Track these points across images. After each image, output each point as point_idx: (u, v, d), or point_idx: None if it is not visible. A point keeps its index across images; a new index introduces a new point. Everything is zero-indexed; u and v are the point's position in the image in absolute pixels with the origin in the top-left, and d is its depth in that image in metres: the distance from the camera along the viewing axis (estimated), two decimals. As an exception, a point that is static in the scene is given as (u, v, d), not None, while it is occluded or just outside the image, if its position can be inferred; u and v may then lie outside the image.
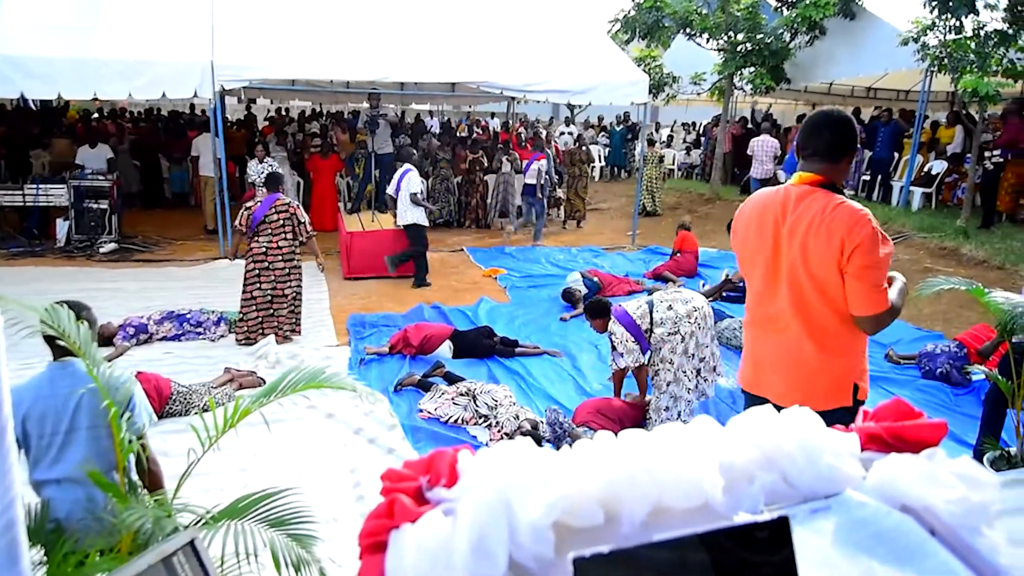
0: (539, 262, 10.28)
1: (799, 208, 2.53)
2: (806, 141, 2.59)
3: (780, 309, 2.60)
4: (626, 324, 4.94)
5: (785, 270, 2.57)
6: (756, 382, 2.74)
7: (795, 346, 2.58)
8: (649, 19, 13.80)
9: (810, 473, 0.92)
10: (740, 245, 2.77)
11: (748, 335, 2.80)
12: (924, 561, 0.83)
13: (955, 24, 9.18)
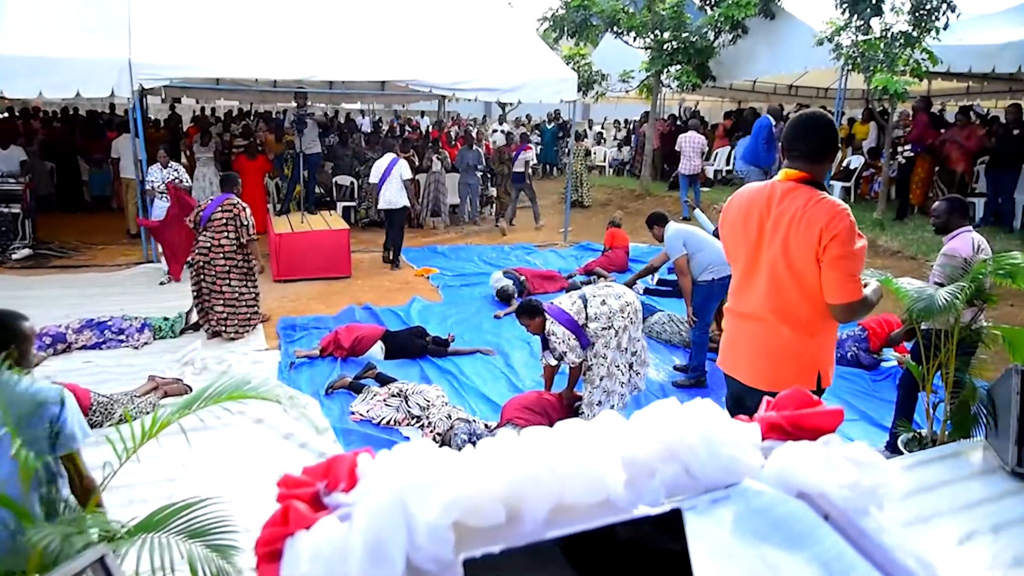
0: (472, 260, 10.27)
1: (784, 202, 2.68)
2: (792, 143, 2.73)
3: (758, 297, 2.74)
4: (564, 322, 4.94)
5: (766, 261, 2.71)
6: (733, 365, 2.87)
7: (768, 333, 2.72)
8: (577, 18, 13.93)
9: (711, 465, 0.95)
10: (727, 236, 2.91)
11: (728, 321, 2.93)
12: (815, 545, 0.86)
13: (865, 25, 9.54)
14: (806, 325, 2.69)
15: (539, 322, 5.04)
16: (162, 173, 8.64)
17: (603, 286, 5.44)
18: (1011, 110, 10.22)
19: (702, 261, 5.89)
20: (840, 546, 0.86)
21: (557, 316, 4.97)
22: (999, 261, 4.25)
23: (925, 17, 9.00)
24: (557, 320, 4.96)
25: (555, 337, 4.95)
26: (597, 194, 15.63)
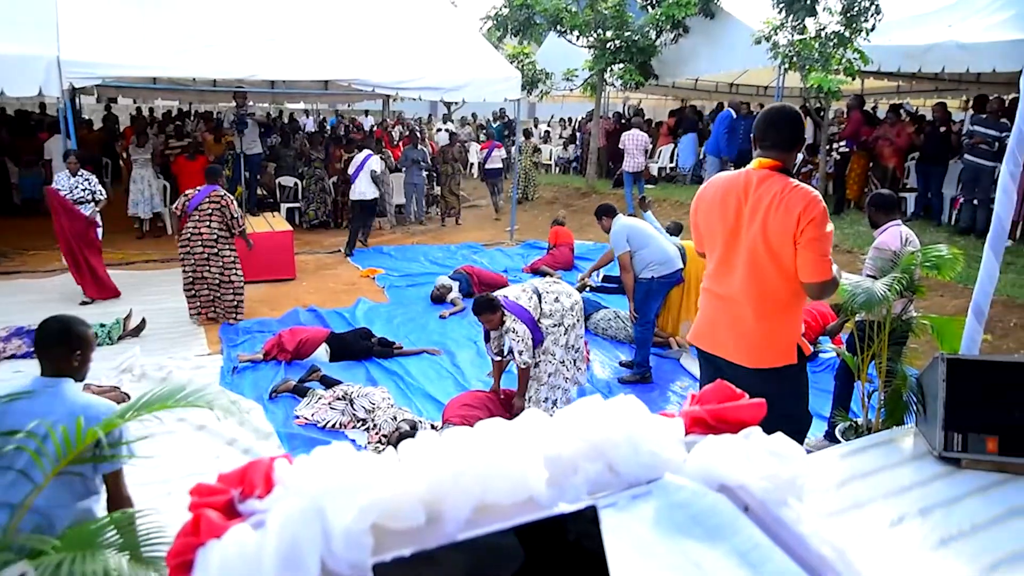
0: (418, 260, 10.23)
1: (760, 189, 2.82)
2: (764, 133, 2.89)
3: (739, 278, 2.87)
4: (525, 320, 4.90)
5: (746, 244, 2.85)
6: (712, 342, 3.00)
7: (749, 313, 2.87)
8: (520, 16, 13.96)
9: (634, 461, 0.96)
10: (703, 222, 3.02)
11: (705, 301, 3.06)
12: (733, 537, 0.87)
13: (800, 25, 9.78)
14: (783, 304, 2.88)
15: (498, 318, 5.00)
16: (70, 181, 7.55)
17: (552, 282, 5.46)
18: (937, 108, 10.60)
19: (645, 258, 5.95)
20: (757, 537, 0.88)
21: (518, 313, 4.90)
22: (926, 253, 4.41)
23: (855, 18, 9.27)
24: (519, 317, 4.89)
25: (515, 335, 4.88)
26: (544, 192, 15.70)
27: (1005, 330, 7.19)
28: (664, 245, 6.10)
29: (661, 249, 6.05)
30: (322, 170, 12.20)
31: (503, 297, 4.99)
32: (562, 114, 23.26)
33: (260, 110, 20.36)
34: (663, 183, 15.17)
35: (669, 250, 6.08)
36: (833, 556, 0.91)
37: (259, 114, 15.71)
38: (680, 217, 12.38)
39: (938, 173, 10.23)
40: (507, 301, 4.96)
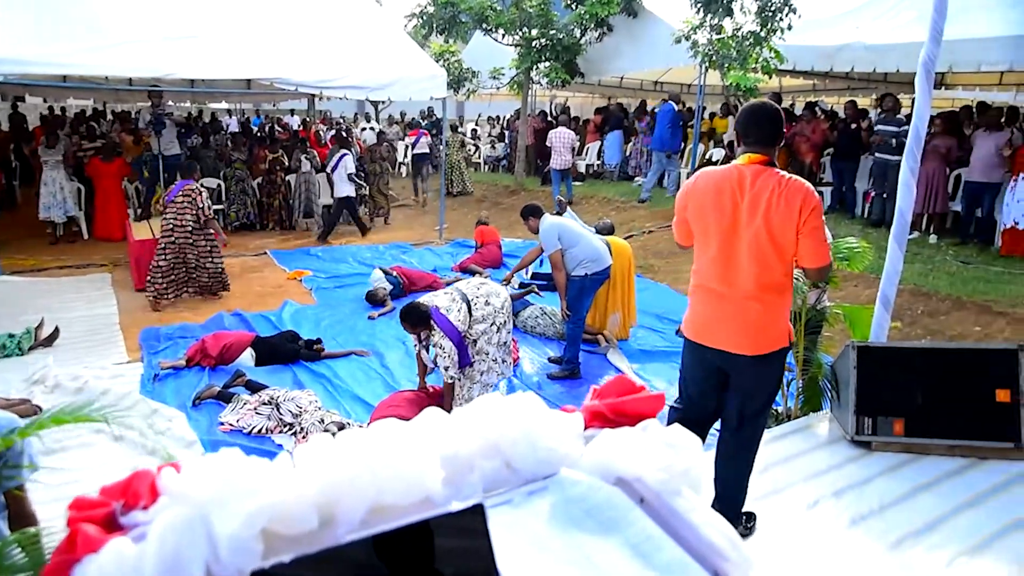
0: (346, 261, 10.11)
1: (756, 184, 2.90)
2: (747, 130, 3.00)
3: (743, 272, 2.94)
4: (453, 338, 4.84)
5: (747, 238, 2.91)
6: (712, 337, 3.05)
7: (754, 303, 2.95)
8: (446, 15, 13.91)
9: (531, 457, 0.98)
10: (696, 218, 3.05)
11: (701, 297, 3.09)
12: (627, 529, 0.90)
13: (718, 25, 10.04)
14: (782, 291, 3.02)
15: (421, 330, 4.96)
16: None
17: (480, 283, 5.45)
18: (848, 106, 11.01)
19: (576, 256, 5.99)
20: (649, 528, 0.91)
21: (447, 331, 4.82)
22: (838, 246, 4.58)
23: (770, 18, 9.56)
24: (447, 335, 4.82)
25: (442, 351, 4.85)
26: (473, 190, 15.71)
27: (914, 317, 7.51)
28: (594, 242, 6.18)
29: (591, 246, 6.12)
30: (244, 171, 11.93)
31: (434, 308, 4.91)
32: (490, 112, 23.30)
33: (181, 110, 19.80)
34: (591, 180, 15.35)
35: (598, 247, 6.16)
36: (724, 544, 0.94)
37: (179, 114, 15.28)
38: (608, 213, 12.57)
39: (851, 168, 10.64)
40: (438, 315, 4.87)
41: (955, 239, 9.61)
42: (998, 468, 3.81)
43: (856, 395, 4.05)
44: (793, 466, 3.86)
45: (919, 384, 4.02)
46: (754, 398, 3.11)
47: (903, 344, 4.32)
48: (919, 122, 4.27)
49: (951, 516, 3.37)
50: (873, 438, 4.03)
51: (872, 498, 3.55)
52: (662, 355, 6.53)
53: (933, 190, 9.58)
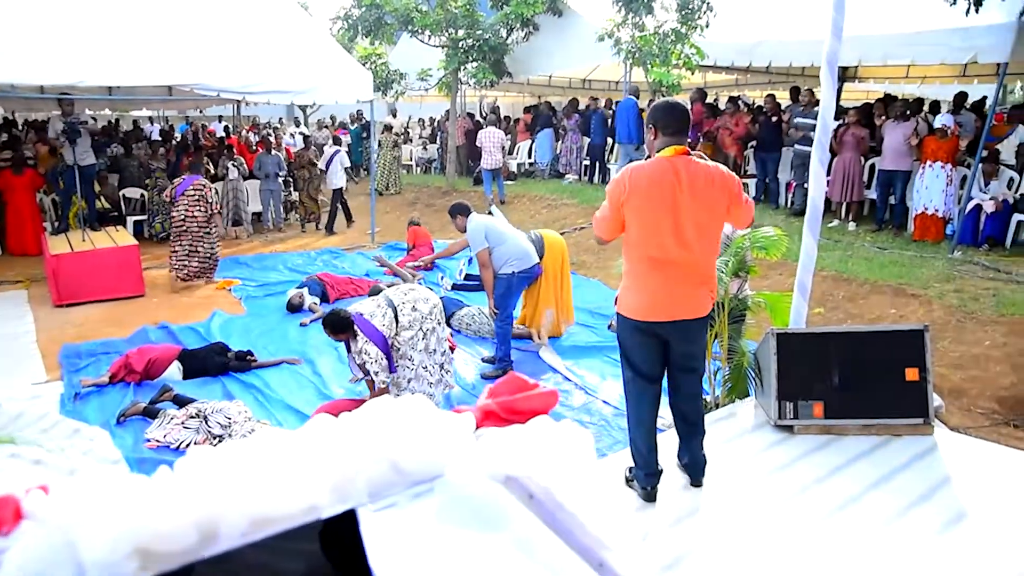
0: (276, 269, 9.95)
1: (689, 171, 3.20)
2: (667, 122, 3.28)
3: (693, 247, 3.25)
4: (377, 342, 4.83)
5: (690, 217, 3.21)
6: (671, 310, 3.32)
7: (703, 271, 3.34)
8: (371, 17, 13.81)
9: (419, 459, 0.99)
10: (643, 206, 3.24)
11: (657, 275, 3.31)
12: (511, 527, 0.92)
13: (640, 22, 10.21)
14: (714, 263, 3.47)
15: (345, 336, 4.92)
16: None
17: (408, 288, 5.41)
18: (767, 100, 11.33)
19: (504, 254, 6.04)
20: (534, 525, 0.93)
21: (370, 335, 4.81)
22: (755, 236, 4.71)
23: (690, 16, 9.77)
24: (371, 339, 4.81)
25: (367, 356, 4.82)
26: (405, 193, 15.63)
27: (835, 303, 7.77)
28: (520, 240, 6.22)
29: (518, 245, 6.16)
30: (166, 180, 11.61)
31: (358, 315, 4.89)
32: (421, 114, 23.16)
33: (101, 118, 19.17)
34: (522, 179, 15.42)
35: (525, 245, 6.21)
36: (609, 538, 0.97)
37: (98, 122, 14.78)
38: (539, 211, 12.67)
39: (773, 159, 10.94)
40: (361, 320, 4.86)
41: (872, 226, 9.98)
42: (909, 444, 3.98)
43: (777, 381, 4.18)
44: (719, 453, 3.96)
45: (836, 367, 4.17)
46: (700, 347, 3.57)
47: (819, 329, 4.47)
48: (826, 114, 4.43)
49: (866, 493, 3.51)
50: (795, 422, 4.16)
51: (794, 481, 3.66)
52: (595, 351, 6.61)
53: (850, 179, 9.93)
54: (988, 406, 5.66)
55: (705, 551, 3.07)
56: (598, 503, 1.05)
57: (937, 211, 9.06)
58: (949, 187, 8.91)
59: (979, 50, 8.17)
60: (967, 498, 3.47)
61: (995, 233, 8.74)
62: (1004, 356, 6.17)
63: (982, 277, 7.76)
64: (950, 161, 8.85)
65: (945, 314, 7.08)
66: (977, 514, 3.33)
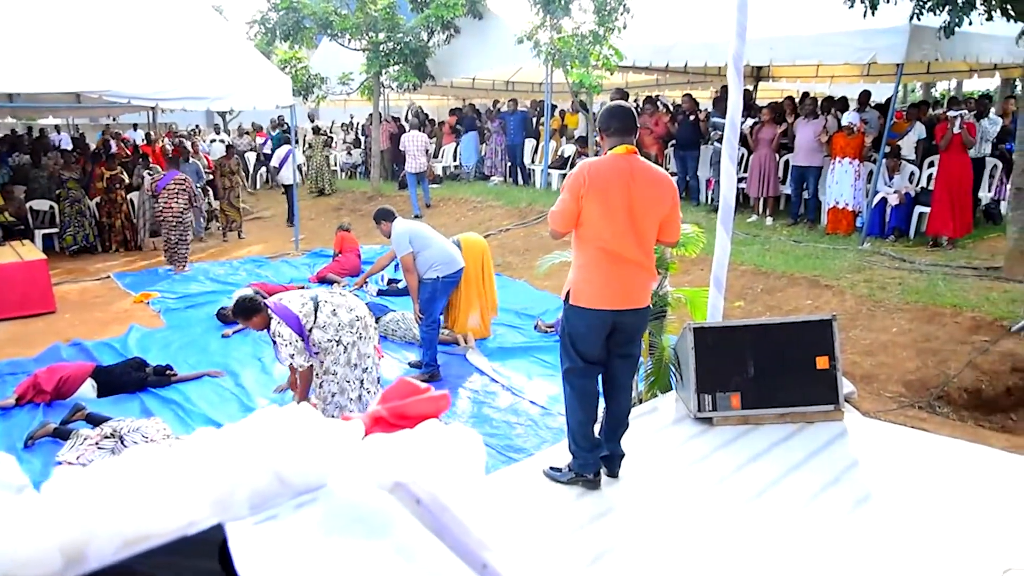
0: (197, 280, 9.68)
1: (639, 170, 3.39)
2: (612, 123, 3.44)
3: (638, 243, 3.41)
4: (291, 322, 4.73)
5: (640, 214, 3.37)
6: (624, 299, 3.46)
7: (647, 265, 3.51)
8: (289, 20, 13.58)
9: (303, 469, 0.98)
10: (599, 201, 3.35)
11: (607, 266, 3.43)
12: (395, 533, 0.92)
13: (558, 24, 10.33)
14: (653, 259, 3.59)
15: (259, 320, 4.79)
16: None
17: (337, 292, 5.32)
18: (685, 100, 11.59)
19: (428, 259, 6.01)
20: (418, 530, 0.93)
21: (283, 315, 4.72)
22: (672, 234, 4.81)
23: (607, 17, 9.93)
24: (283, 320, 4.71)
25: (280, 339, 4.71)
26: (329, 199, 15.43)
27: (755, 296, 8.01)
28: (445, 245, 6.21)
29: (443, 249, 6.14)
30: (79, 191, 11.19)
31: (274, 302, 4.82)
32: (345, 118, 22.88)
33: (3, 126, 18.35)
34: (448, 181, 15.40)
35: (450, 250, 6.20)
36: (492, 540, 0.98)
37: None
38: (465, 214, 12.67)
39: (693, 157, 11.21)
40: (276, 304, 4.78)
41: (787, 220, 10.32)
42: (822, 430, 4.13)
43: (696, 374, 4.28)
44: (642, 448, 4.03)
45: (751, 359, 4.29)
46: (640, 334, 3.76)
47: (734, 323, 4.59)
48: (733, 112, 4.56)
49: (781, 479, 3.62)
50: (714, 413, 4.27)
51: (713, 471, 3.76)
52: (521, 351, 6.65)
53: (765, 175, 10.24)
54: (896, 390, 5.91)
55: (629, 544, 3.12)
56: (486, 505, 1.06)
57: (847, 205, 9.43)
58: (857, 181, 9.28)
59: (878, 51, 8.56)
60: (874, 479, 3.62)
61: (900, 224, 9.15)
62: (910, 342, 6.46)
63: (889, 267, 8.11)
64: (857, 157, 9.23)
65: (856, 303, 7.37)
66: (883, 493, 3.48)
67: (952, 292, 7.17)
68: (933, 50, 8.41)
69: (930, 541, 3.07)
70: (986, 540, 3.04)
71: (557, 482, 3.62)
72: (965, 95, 14.53)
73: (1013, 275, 7.39)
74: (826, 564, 2.95)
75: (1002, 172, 9.30)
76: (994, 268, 7.69)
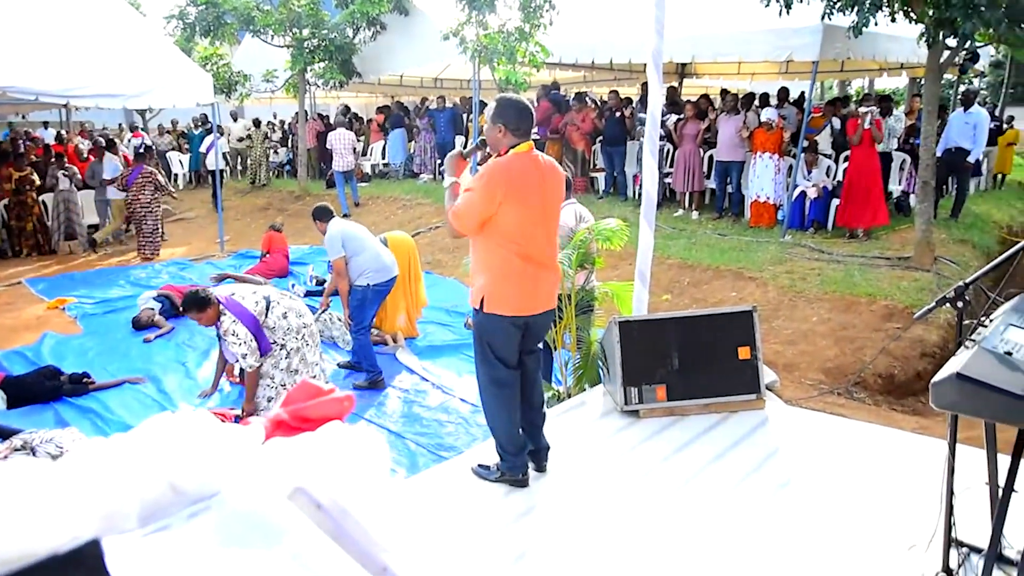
0: (117, 284, 9.35)
1: (546, 168, 3.39)
2: (519, 123, 3.33)
3: (546, 246, 3.42)
4: (247, 321, 4.62)
5: (551, 216, 3.41)
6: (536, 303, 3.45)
7: (554, 270, 3.53)
8: (209, 16, 13.21)
9: (197, 476, 0.95)
10: (519, 202, 3.28)
11: (525, 271, 3.36)
12: (291, 540, 0.90)
13: (484, 21, 10.33)
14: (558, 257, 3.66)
15: (211, 315, 4.66)
16: None
17: (290, 296, 5.18)
18: (611, 96, 11.73)
19: (360, 265, 5.84)
20: (315, 535, 0.91)
21: (239, 314, 4.61)
22: (597, 228, 4.86)
23: (532, 14, 9.98)
24: (239, 319, 4.60)
25: (235, 337, 4.60)
26: (255, 199, 15.10)
27: (682, 289, 8.17)
28: (380, 252, 6.04)
29: (377, 256, 5.96)
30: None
31: (226, 297, 4.68)
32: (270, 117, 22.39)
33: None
34: (376, 180, 15.24)
35: (385, 257, 6.05)
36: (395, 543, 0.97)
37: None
38: (394, 212, 12.57)
39: (620, 153, 11.35)
40: (228, 299, 4.66)
41: (713, 214, 10.55)
42: (744, 419, 4.25)
43: (622, 368, 4.33)
44: (571, 441, 4.07)
45: (675, 351, 4.37)
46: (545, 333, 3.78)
47: (658, 316, 4.67)
48: (653, 108, 4.63)
49: (705, 469, 3.71)
50: (640, 406, 4.34)
51: (640, 463, 3.82)
52: (451, 349, 6.64)
53: (691, 170, 10.45)
54: (816, 377, 6.12)
55: (555, 540, 3.15)
56: (389, 507, 1.06)
57: (769, 198, 9.69)
58: (778, 176, 9.55)
59: (794, 49, 8.84)
60: (793, 464, 3.74)
61: (819, 217, 9.45)
62: (828, 331, 6.69)
63: (809, 258, 8.38)
64: (777, 151, 9.49)
65: (779, 294, 7.60)
66: (802, 478, 3.59)
67: (867, 282, 7.46)
68: (845, 49, 8.71)
69: (844, 521, 3.19)
70: (894, 518, 3.17)
71: (485, 480, 3.62)
72: (877, 93, 15.09)
73: (921, 264, 7.72)
74: (749, 549, 3.03)
75: (911, 166, 9.68)
76: (905, 258, 8.03)
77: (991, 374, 2.08)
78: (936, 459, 2.48)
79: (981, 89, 21.22)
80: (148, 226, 10.70)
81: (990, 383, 2.04)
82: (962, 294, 2.45)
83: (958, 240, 9.12)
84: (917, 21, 7.31)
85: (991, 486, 2.56)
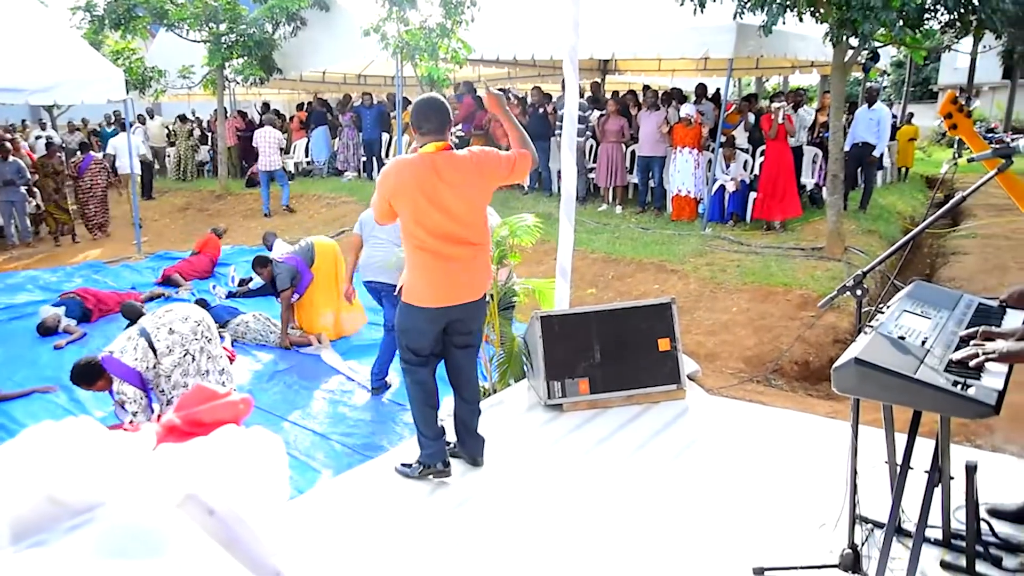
0: (25, 288, 8.94)
1: (451, 165, 3.30)
2: (425, 122, 3.33)
3: (466, 237, 3.39)
4: (132, 380, 4.44)
5: (462, 207, 3.35)
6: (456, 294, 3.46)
7: (482, 254, 3.53)
8: (119, 8, 12.72)
9: (80, 487, 0.93)
10: (409, 203, 3.30)
11: (434, 264, 3.39)
12: (176, 549, 0.88)
13: (405, 17, 10.26)
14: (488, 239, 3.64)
15: (103, 384, 4.51)
16: None
17: (164, 311, 4.98)
18: (534, 92, 11.80)
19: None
20: (202, 545, 0.90)
21: (124, 375, 4.43)
22: (511, 225, 4.86)
23: (453, 10, 9.96)
24: (125, 379, 4.43)
25: (126, 397, 4.44)
26: (175, 199, 14.65)
27: (606, 283, 8.29)
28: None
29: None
30: None
31: (107, 356, 4.49)
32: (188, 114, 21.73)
33: None
34: (300, 178, 14.96)
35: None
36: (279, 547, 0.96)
37: None
38: (319, 210, 12.38)
39: (544, 149, 11.39)
40: (109, 362, 4.47)
41: (636, 208, 10.74)
42: (665, 409, 4.34)
43: (544, 362, 4.37)
44: (496, 436, 4.08)
45: (596, 344, 4.44)
46: (479, 324, 3.78)
47: (579, 309, 4.71)
48: (571, 104, 4.67)
49: (627, 459, 3.78)
50: (563, 400, 4.38)
51: (563, 456, 3.86)
52: (377, 348, 6.56)
53: (614, 165, 10.60)
54: (736, 366, 6.30)
55: (479, 536, 3.16)
56: (284, 511, 1.04)
57: (690, 192, 9.92)
58: (697, 170, 9.77)
59: (710, 47, 9.08)
60: (712, 452, 3.84)
61: (737, 210, 9.72)
62: (747, 320, 6.89)
63: (728, 250, 8.61)
64: (696, 146, 9.71)
65: (700, 286, 7.78)
66: (720, 464, 3.69)
67: (783, 272, 7.71)
68: (758, 47, 8.98)
69: (760, 503, 3.29)
70: (806, 499, 3.29)
71: (409, 477, 3.61)
72: (792, 89, 15.59)
73: (833, 254, 8.03)
74: (669, 534, 3.10)
75: (822, 160, 10.04)
76: (818, 248, 8.33)
77: (886, 358, 2.18)
78: (845, 441, 2.58)
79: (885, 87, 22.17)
80: (102, 208, 11.85)
81: (885, 367, 2.14)
82: (860, 282, 2.55)
83: (866, 231, 9.51)
84: (822, 21, 7.60)
85: (890, 464, 2.68)
